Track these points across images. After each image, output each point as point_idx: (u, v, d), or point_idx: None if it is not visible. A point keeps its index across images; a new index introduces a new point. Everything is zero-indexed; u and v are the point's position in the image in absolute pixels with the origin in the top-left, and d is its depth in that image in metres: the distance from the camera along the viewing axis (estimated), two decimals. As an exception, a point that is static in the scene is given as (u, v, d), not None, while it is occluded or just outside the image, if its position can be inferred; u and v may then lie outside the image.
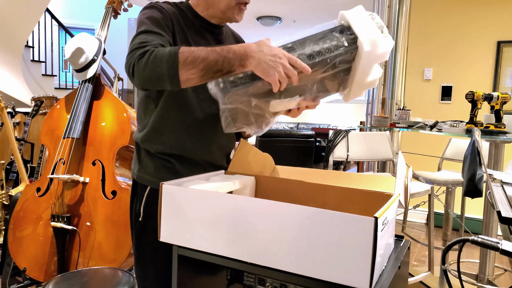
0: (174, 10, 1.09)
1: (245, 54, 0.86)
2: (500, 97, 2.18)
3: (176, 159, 1.11)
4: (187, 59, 0.87)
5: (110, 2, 2.33)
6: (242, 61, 0.86)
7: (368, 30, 0.90)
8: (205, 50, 0.88)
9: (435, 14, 3.73)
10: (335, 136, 2.80)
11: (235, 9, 1.10)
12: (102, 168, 1.99)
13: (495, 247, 0.78)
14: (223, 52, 0.87)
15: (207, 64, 0.86)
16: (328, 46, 0.88)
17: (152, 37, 0.97)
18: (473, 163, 1.58)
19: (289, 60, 0.85)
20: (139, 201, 1.14)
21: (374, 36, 0.90)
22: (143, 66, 0.89)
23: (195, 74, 0.88)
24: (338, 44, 0.89)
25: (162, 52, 0.89)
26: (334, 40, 0.89)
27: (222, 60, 0.86)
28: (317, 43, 0.88)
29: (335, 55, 0.88)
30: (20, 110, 3.40)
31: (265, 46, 0.86)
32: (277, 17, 6.46)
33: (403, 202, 0.95)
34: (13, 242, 2.04)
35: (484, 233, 2.24)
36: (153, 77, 0.90)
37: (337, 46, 0.89)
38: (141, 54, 0.90)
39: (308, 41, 0.89)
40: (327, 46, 0.88)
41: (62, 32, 6.38)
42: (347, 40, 0.89)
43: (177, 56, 0.87)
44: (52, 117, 2.18)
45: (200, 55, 0.87)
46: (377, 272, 0.70)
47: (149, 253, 1.13)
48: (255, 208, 0.76)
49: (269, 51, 0.85)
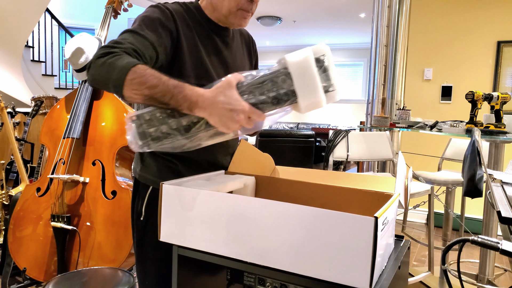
0: (182, 11, 1.08)
1: (195, 103, 0.82)
2: (500, 97, 2.18)
3: (179, 160, 1.11)
4: (134, 79, 0.84)
5: (110, 2, 2.33)
6: (191, 107, 0.83)
7: (308, 90, 0.82)
8: (157, 78, 0.84)
9: (435, 14, 3.73)
10: (335, 136, 2.80)
11: (237, 14, 1.07)
12: (102, 168, 1.99)
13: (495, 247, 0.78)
14: (175, 89, 0.83)
15: (152, 93, 0.84)
16: (275, 95, 0.82)
17: (132, 39, 0.94)
18: (473, 163, 1.58)
19: (249, 114, 0.82)
20: (141, 201, 1.14)
21: (314, 99, 0.82)
22: (98, 66, 0.88)
23: (138, 96, 0.85)
24: (283, 94, 0.83)
25: (120, 62, 0.86)
26: (280, 90, 0.83)
27: (170, 97, 0.83)
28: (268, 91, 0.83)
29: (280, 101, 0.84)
30: (20, 110, 3.40)
31: (222, 96, 0.81)
32: (277, 17, 6.46)
33: (403, 202, 0.95)
34: (13, 242, 2.03)
35: (484, 233, 2.24)
36: (102, 81, 0.89)
37: (281, 95, 0.83)
38: (103, 54, 0.88)
39: (259, 87, 0.83)
40: (274, 95, 0.82)
41: (62, 32, 6.38)
42: (290, 94, 0.83)
43: (127, 73, 0.84)
44: (52, 117, 2.18)
45: (148, 82, 0.83)
46: (377, 272, 0.70)
47: (150, 252, 1.13)
48: (255, 208, 0.76)
49: (226, 104, 0.80)
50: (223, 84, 0.83)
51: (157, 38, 0.98)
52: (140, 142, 0.85)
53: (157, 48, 0.98)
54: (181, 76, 1.03)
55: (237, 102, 0.81)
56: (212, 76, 1.09)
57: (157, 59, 0.99)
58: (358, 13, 6.06)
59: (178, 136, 0.86)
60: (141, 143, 0.85)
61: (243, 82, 0.84)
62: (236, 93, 0.82)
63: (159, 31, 0.99)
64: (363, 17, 6.26)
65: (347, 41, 8.30)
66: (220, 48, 1.13)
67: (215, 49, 1.12)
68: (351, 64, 8.59)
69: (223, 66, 1.13)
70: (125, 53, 0.90)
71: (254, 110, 0.82)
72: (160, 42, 0.99)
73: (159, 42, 0.98)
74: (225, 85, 0.82)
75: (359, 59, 8.43)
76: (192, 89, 0.84)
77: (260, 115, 0.83)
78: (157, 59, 0.99)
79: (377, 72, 3.44)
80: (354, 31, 7.29)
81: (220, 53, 1.13)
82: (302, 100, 0.82)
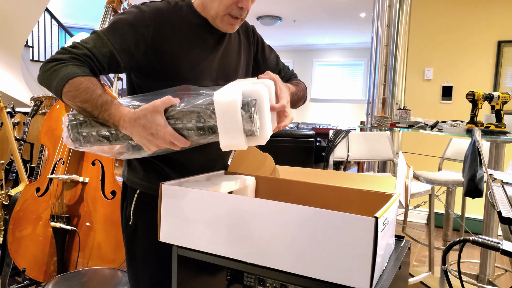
0: (168, 10, 1.02)
1: (118, 122, 0.86)
2: (500, 97, 2.18)
3: (166, 163, 1.08)
4: (69, 92, 0.87)
5: (110, 1, 2.33)
6: (115, 125, 0.88)
7: (228, 132, 0.81)
8: (89, 94, 0.87)
9: (436, 14, 3.73)
10: (335, 136, 2.80)
11: (224, 19, 1.02)
12: (102, 168, 1.98)
13: (495, 247, 0.77)
14: (102, 107, 0.87)
15: (83, 107, 0.87)
16: (202, 126, 0.84)
17: (93, 44, 0.93)
18: (474, 163, 1.58)
19: (170, 139, 0.85)
20: (129, 205, 1.12)
21: (233, 141, 0.82)
22: (44, 71, 0.91)
23: (73, 107, 0.90)
24: (207, 127, 0.84)
25: (62, 71, 0.88)
26: (206, 123, 0.84)
27: (98, 113, 0.87)
28: (196, 121, 0.84)
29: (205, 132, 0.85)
30: (19, 110, 3.40)
31: (144, 120, 0.84)
32: (277, 17, 6.46)
33: (404, 202, 0.95)
34: (13, 242, 2.03)
35: (484, 233, 2.24)
36: (45, 85, 0.92)
37: (206, 128, 0.84)
38: (53, 60, 0.90)
39: (187, 114, 0.85)
40: (201, 125, 0.84)
41: (61, 32, 6.38)
42: (215, 129, 0.84)
43: (63, 85, 0.87)
44: (52, 117, 2.18)
45: (79, 96, 0.87)
46: (378, 272, 0.70)
47: (141, 257, 1.11)
48: (255, 208, 0.76)
49: (147, 129, 0.84)
50: (148, 108, 0.85)
51: (122, 44, 0.95)
52: (72, 141, 0.92)
53: (117, 55, 0.95)
54: (178, 79, 1.01)
55: (158, 127, 0.83)
56: (209, 76, 1.06)
57: (118, 65, 0.97)
58: (358, 13, 6.06)
59: (107, 142, 0.91)
60: (73, 142, 0.92)
61: (176, 107, 0.85)
62: (160, 117, 0.84)
63: (128, 35, 0.96)
64: (363, 17, 6.26)
65: (347, 41, 8.30)
66: (214, 47, 1.08)
67: (208, 48, 1.07)
68: (351, 64, 8.59)
69: (219, 64, 1.09)
70: (75, 60, 0.90)
71: (177, 137, 0.85)
72: (125, 47, 0.96)
73: (122, 48, 0.95)
74: (150, 108, 0.85)
75: (359, 59, 8.43)
76: (117, 109, 0.87)
77: (184, 142, 0.86)
78: (118, 65, 0.97)
79: (377, 72, 3.44)
80: (354, 31, 7.29)
81: (214, 51, 1.08)
82: (222, 139, 0.83)
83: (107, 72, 0.98)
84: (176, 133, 0.85)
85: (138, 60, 0.99)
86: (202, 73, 1.05)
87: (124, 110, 0.87)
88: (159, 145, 0.86)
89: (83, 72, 0.89)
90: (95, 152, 0.98)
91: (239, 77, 1.15)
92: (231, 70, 1.13)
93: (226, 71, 1.11)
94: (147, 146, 0.87)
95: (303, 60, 8.91)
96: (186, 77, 1.02)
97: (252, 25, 1.24)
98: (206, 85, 1.05)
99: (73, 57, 0.91)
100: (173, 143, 0.86)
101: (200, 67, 1.05)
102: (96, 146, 0.94)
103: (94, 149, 0.96)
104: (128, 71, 1.03)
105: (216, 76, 1.09)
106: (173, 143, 0.86)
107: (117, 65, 0.97)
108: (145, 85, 1.04)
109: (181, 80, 1.01)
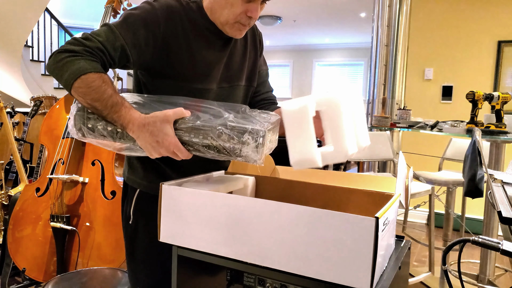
0: (179, 10, 1.02)
1: (126, 125, 0.88)
2: (500, 97, 2.18)
3: (166, 163, 1.09)
4: (80, 88, 0.87)
5: (110, 1, 2.32)
6: (123, 127, 0.89)
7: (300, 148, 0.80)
8: (100, 93, 0.87)
9: (436, 14, 3.73)
10: (335, 136, 2.79)
11: (234, 26, 1.02)
12: (102, 168, 1.98)
13: (495, 248, 0.77)
14: (112, 108, 0.87)
15: (93, 105, 0.88)
16: (223, 146, 0.83)
17: (105, 37, 0.93)
18: (474, 163, 1.58)
19: (173, 149, 0.86)
20: (129, 204, 1.12)
21: (307, 157, 0.80)
22: (56, 61, 0.90)
23: (83, 103, 0.90)
24: (229, 148, 0.83)
25: (74, 65, 0.87)
26: (228, 142, 0.83)
27: (107, 113, 0.88)
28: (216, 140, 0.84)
29: (209, 150, 0.86)
30: (19, 110, 3.40)
31: (153, 126, 0.85)
32: (277, 17, 6.46)
33: (404, 202, 0.95)
34: (13, 242, 2.03)
35: (484, 233, 2.24)
36: (55, 75, 0.92)
37: (228, 148, 0.84)
38: (66, 50, 0.89)
39: (208, 133, 0.84)
40: (227, 145, 0.83)
41: (61, 31, 6.37)
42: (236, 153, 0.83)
43: (75, 79, 0.87)
44: (52, 117, 2.18)
45: (90, 94, 0.87)
46: (378, 272, 0.69)
47: (141, 256, 1.11)
48: (255, 208, 0.76)
49: (154, 135, 0.85)
50: (159, 116, 0.86)
51: (133, 39, 0.95)
52: (76, 131, 0.93)
53: (128, 50, 0.95)
54: (183, 80, 1.01)
55: (165, 136, 0.85)
56: (213, 78, 1.06)
57: (128, 61, 0.97)
58: (358, 13, 6.06)
59: (110, 138, 0.92)
60: (77, 132, 0.93)
61: (186, 119, 0.87)
62: (169, 127, 0.85)
63: (139, 32, 0.96)
64: (363, 17, 6.26)
65: (347, 41, 8.30)
66: (220, 50, 1.08)
67: (215, 51, 1.07)
68: (351, 64, 8.58)
69: (224, 67, 1.09)
70: (88, 54, 0.90)
71: (181, 148, 0.86)
72: (135, 43, 0.96)
73: (133, 44, 0.95)
74: (161, 117, 0.86)
75: (359, 59, 8.42)
76: (128, 112, 0.88)
77: (186, 155, 0.88)
78: (128, 61, 0.97)
79: (377, 72, 3.43)
80: (354, 31, 7.29)
81: (220, 54, 1.08)
82: (292, 154, 0.80)
83: (116, 66, 0.98)
84: (181, 145, 0.86)
85: (146, 57, 0.99)
86: (207, 75, 1.05)
87: (135, 114, 0.88)
88: (161, 153, 0.87)
89: (95, 69, 0.89)
90: (97, 144, 0.99)
91: (242, 80, 1.15)
92: (235, 73, 1.13)
93: (230, 74, 1.11)
94: (150, 151, 0.88)
95: (303, 60, 8.90)
96: (191, 78, 1.03)
97: (260, 32, 1.24)
98: (210, 87, 1.06)
99: (86, 50, 0.90)
100: (175, 154, 0.87)
101: (205, 69, 1.05)
102: (101, 141, 0.96)
103: (96, 141, 0.98)
104: (136, 67, 1.03)
105: (219, 79, 1.09)
106: (175, 154, 0.87)
107: (127, 60, 0.97)
108: (150, 83, 1.04)
109: (185, 81, 1.01)
